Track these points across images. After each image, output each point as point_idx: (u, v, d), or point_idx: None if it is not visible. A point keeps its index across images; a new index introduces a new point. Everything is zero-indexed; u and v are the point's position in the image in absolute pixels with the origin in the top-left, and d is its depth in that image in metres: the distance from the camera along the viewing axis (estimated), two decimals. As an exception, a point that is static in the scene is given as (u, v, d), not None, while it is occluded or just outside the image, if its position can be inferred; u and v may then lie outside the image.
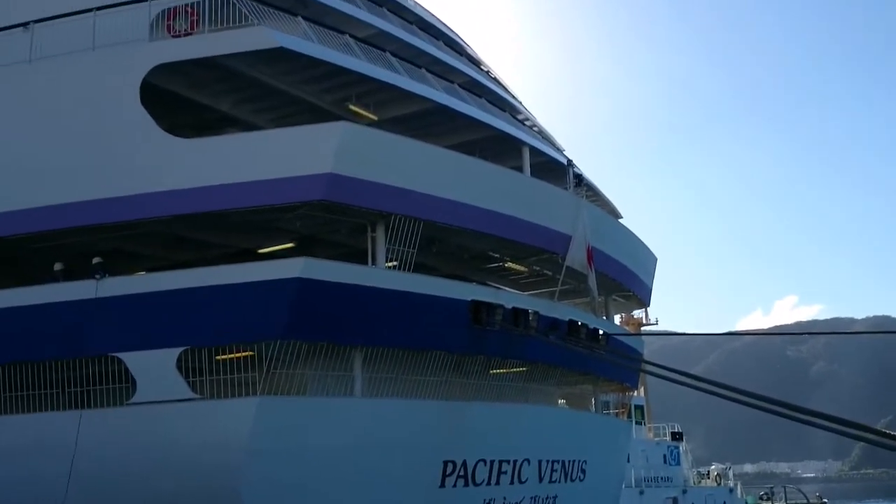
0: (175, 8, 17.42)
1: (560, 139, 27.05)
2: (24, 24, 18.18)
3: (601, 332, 21.57)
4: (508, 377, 20.03)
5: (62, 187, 16.80)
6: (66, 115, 17.28)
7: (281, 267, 16.01)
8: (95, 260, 16.77)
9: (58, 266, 17.23)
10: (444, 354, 17.65)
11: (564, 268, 20.47)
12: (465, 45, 27.21)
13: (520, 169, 21.55)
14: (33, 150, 17.27)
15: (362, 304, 16.43)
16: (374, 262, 17.17)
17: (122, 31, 17.32)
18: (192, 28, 17.26)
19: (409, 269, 17.01)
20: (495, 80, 26.54)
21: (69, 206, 16.62)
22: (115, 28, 17.38)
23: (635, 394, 38.42)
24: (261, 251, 19.76)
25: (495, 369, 19.60)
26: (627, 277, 24.33)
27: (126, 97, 16.64)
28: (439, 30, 25.77)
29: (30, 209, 16.82)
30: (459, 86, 21.88)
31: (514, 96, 26.55)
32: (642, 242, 25.30)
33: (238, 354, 15.67)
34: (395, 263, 17.21)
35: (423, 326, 17.18)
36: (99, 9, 17.62)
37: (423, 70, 20.77)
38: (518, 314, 18.54)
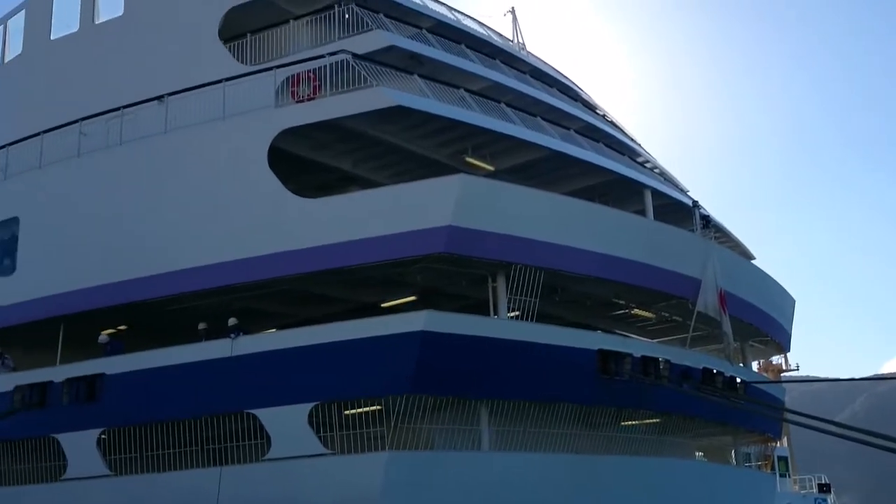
0: (298, 74, 18.37)
1: (680, 176, 26.62)
2: (159, 98, 19.61)
3: (738, 379, 20.81)
4: (641, 429, 19.55)
5: (198, 251, 17.81)
6: (199, 181, 18.39)
7: (404, 321, 16.31)
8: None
9: (201, 326, 18.19)
10: (573, 406, 17.44)
11: (695, 313, 19.95)
12: (580, 91, 27.39)
13: (642, 213, 21.29)
14: (170, 216, 18.42)
15: (486, 356, 16.49)
16: (496, 313, 17.25)
17: (249, 99, 18.39)
18: (314, 93, 18.14)
19: (531, 319, 16.98)
20: (612, 123, 26.51)
21: (205, 269, 17.59)
22: (244, 96, 18.47)
23: (778, 444, 36.66)
24: (384, 305, 20.23)
25: (627, 421, 19.19)
26: (764, 321, 23.43)
27: (255, 162, 17.58)
28: (553, 77, 26.08)
29: (170, 273, 17.89)
30: (576, 131, 21.98)
31: (632, 139, 26.41)
32: (778, 284, 24.36)
33: (366, 409, 16.00)
34: (517, 313, 17.22)
35: (549, 378, 17.05)
36: (228, 79, 18.79)
37: (539, 118, 21.01)
38: (648, 363, 18.16)
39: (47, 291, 19.16)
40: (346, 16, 19.90)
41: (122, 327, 20.62)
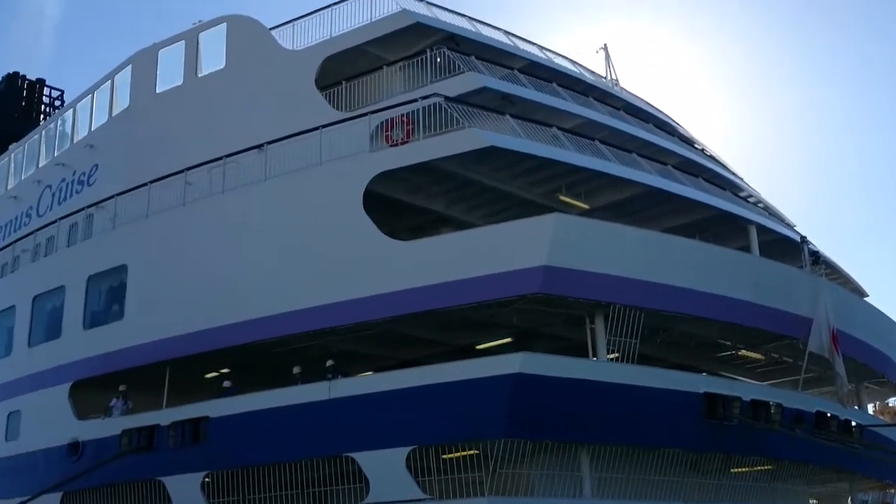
0: (392, 119, 18.81)
1: (787, 211, 25.83)
2: (259, 146, 20.36)
3: (854, 423, 19.89)
4: (751, 476, 18.86)
5: (297, 295, 18.26)
6: (298, 226, 18.92)
7: (499, 363, 16.24)
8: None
9: (296, 370, 18.58)
10: (678, 452, 16.96)
11: (807, 353, 19.19)
12: (677, 125, 27.04)
13: (747, 249, 20.73)
14: (270, 261, 18.98)
15: (585, 399, 16.26)
16: (594, 355, 17.01)
17: (345, 144, 18.90)
18: (407, 136, 18.51)
19: (632, 361, 16.66)
20: (711, 157, 26.03)
21: (304, 312, 18.00)
22: (339, 142, 19.01)
23: (898, 492, 34.53)
24: (479, 347, 20.23)
25: (736, 468, 18.53)
26: (880, 362, 22.33)
27: (351, 206, 17.99)
28: (648, 112, 25.86)
29: (270, 317, 18.38)
30: (673, 167, 21.67)
31: (733, 173, 25.84)
32: (893, 322, 23.21)
33: (463, 453, 15.94)
34: (616, 355, 16.95)
35: (653, 422, 16.65)
36: (325, 126, 19.39)
37: (634, 154, 20.82)
38: (758, 406, 17.57)
39: (154, 336, 19.94)
40: (438, 59, 20.30)
41: (224, 370, 21.33)
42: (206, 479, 18.20)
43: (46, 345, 22.40)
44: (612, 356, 16.95)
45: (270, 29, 23.06)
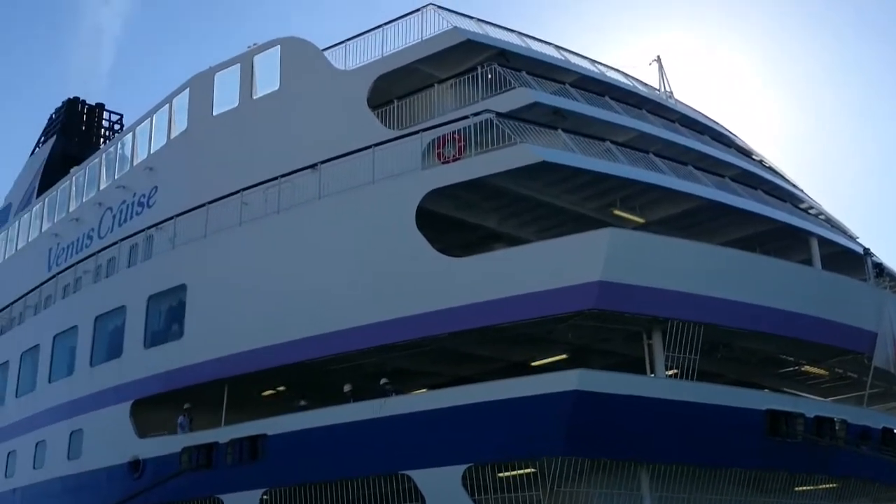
0: (444, 136, 18.96)
1: (850, 223, 25.26)
2: (313, 166, 20.69)
3: (923, 440, 19.18)
4: (816, 495, 18.42)
5: (351, 312, 18.46)
6: (352, 244, 19.15)
7: (556, 380, 16.14)
8: (383, 381, 18.07)
9: (347, 387, 18.76)
10: (740, 471, 16.64)
11: (872, 369, 18.70)
12: (734, 136, 26.71)
13: (808, 262, 20.33)
14: (325, 279, 19.23)
15: (644, 416, 16.06)
16: (653, 372, 16.83)
17: (397, 162, 19.10)
18: (459, 153, 18.62)
19: (692, 378, 16.44)
20: (770, 168, 25.64)
21: (358, 330, 18.18)
22: (392, 160, 19.21)
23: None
24: (534, 364, 20.16)
25: (800, 486, 18.10)
26: (950, 377, 21.58)
27: (404, 223, 18.16)
28: (704, 124, 25.60)
29: (325, 334, 18.61)
30: (731, 179, 21.39)
31: (793, 184, 25.40)
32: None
33: (520, 471, 15.88)
34: (675, 371, 16.74)
35: (714, 440, 16.37)
36: (377, 145, 19.63)
37: (690, 167, 20.62)
38: (822, 423, 17.18)
39: (212, 355, 20.33)
40: (489, 76, 20.41)
41: (281, 388, 21.62)
42: (265, 497, 18.43)
43: (108, 364, 22.96)
44: (670, 372, 16.73)
45: (323, 50, 23.47)
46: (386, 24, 22.40)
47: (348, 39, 23.15)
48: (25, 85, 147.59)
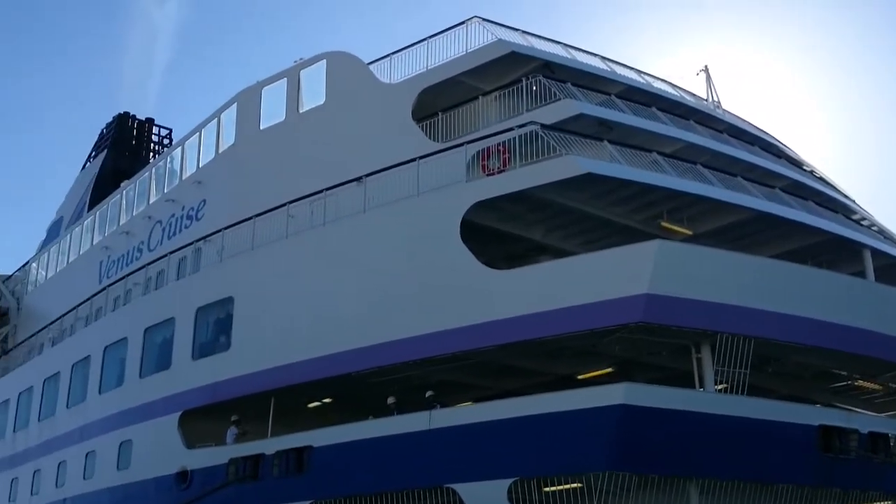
0: (488, 148, 19.02)
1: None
2: (358, 179, 20.89)
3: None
4: (872, 513, 17.92)
5: (397, 325, 18.57)
6: (397, 256, 19.28)
7: (602, 394, 16.05)
8: (428, 393, 18.13)
9: (391, 400, 18.84)
10: (792, 487, 16.34)
11: (930, 383, 18.25)
12: (783, 147, 26.36)
13: (861, 274, 19.94)
14: (370, 291, 19.38)
15: (692, 431, 15.89)
16: (701, 386, 16.64)
17: (442, 175, 19.20)
18: (504, 165, 18.66)
19: (742, 392, 16.22)
20: (821, 179, 25.22)
21: (403, 342, 18.27)
22: (436, 173, 19.32)
23: None
24: (580, 377, 20.05)
25: (854, 503, 17.66)
26: None
27: (448, 235, 18.23)
28: (753, 134, 25.32)
29: (371, 346, 18.74)
30: (781, 190, 21.13)
31: (845, 195, 24.96)
32: None
33: (566, 486, 15.79)
34: (724, 386, 16.53)
35: (765, 456, 16.12)
36: (421, 157, 19.76)
37: (739, 178, 20.42)
38: (877, 439, 16.85)
39: (259, 367, 20.58)
40: (534, 88, 20.46)
41: (327, 400, 21.78)
42: (311, 509, 18.55)
43: (157, 375, 23.33)
44: (719, 387, 16.53)
45: (368, 63, 23.74)
46: (431, 37, 22.62)
47: (393, 53, 23.43)
48: (78, 101, 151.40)
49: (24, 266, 41.07)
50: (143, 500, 22.16)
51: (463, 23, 22.15)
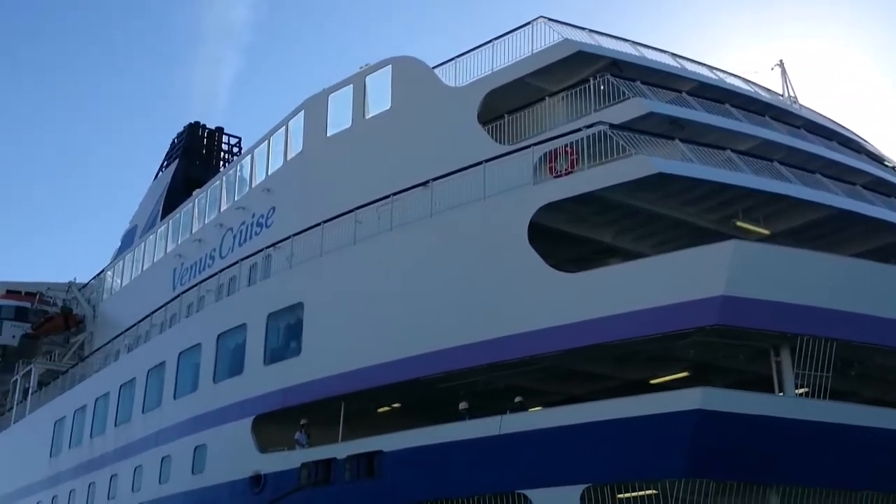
0: (555, 150, 18.93)
1: None
2: (425, 183, 21.00)
3: None
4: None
5: (465, 329, 18.60)
6: (464, 260, 19.33)
7: (677, 398, 15.80)
8: (517, 399, 18.13)
9: (462, 405, 18.87)
10: (881, 495, 15.84)
11: None
12: (863, 142, 25.60)
13: (950, 273, 19.14)
14: (438, 296, 19.46)
15: (773, 437, 15.56)
16: (781, 390, 16.27)
17: (508, 178, 19.18)
18: (572, 167, 18.55)
19: (824, 397, 15.81)
20: (905, 174, 24.37)
21: (472, 347, 18.29)
22: (503, 176, 19.31)
23: None
24: (653, 382, 19.77)
25: (950, 513, 17.00)
26: None
27: (516, 239, 18.19)
28: (831, 129, 24.66)
29: (439, 351, 18.81)
30: (862, 186, 20.53)
31: (932, 191, 24.02)
32: None
33: (641, 493, 15.60)
34: (806, 390, 16.13)
35: (849, 462, 15.68)
36: (488, 160, 19.77)
37: (818, 175, 19.93)
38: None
39: (329, 372, 20.84)
40: (602, 87, 20.29)
41: (396, 405, 21.93)
42: (382, 514, 18.68)
43: (230, 380, 23.80)
44: (800, 391, 16.13)
45: (433, 67, 23.88)
46: (496, 38, 22.64)
47: (458, 56, 23.49)
48: (150, 112, 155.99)
49: (99, 274, 42.44)
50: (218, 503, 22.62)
51: (528, 23, 22.11)
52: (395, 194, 21.45)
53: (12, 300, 45.29)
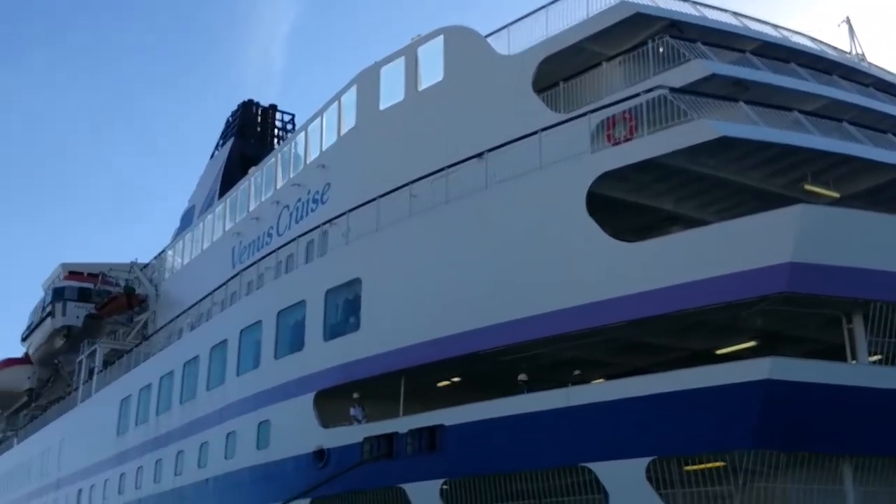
0: (613, 116, 18.62)
1: None
2: (479, 155, 20.88)
3: None
4: None
5: (524, 302, 18.53)
6: (521, 232, 19.21)
7: (745, 368, 15.57)
8: (576, 371, 18.09)
9: (522, 377, 18.86)
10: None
11: None
12: (938, 98, 24.58)
13: None
14: (496, 269, 19.40)
15: (845, 406, 15.27)
16: (854, 358, 15.91)
17: (565, 147, 18.95)
18: (630, 133, 18.24)
19: (900, 364, 15.40)
20: None
21: (531, 320, 18.22)
22: (559, 145, 19.08)
23: None
24: (719, 352, 19.49)
25: None
26: None
27: (574, 209, 18.02)
28: (903, 87, 23.77)
29: (499, 325, 18.79)
30: (938, 145, 19.74)
31: None
32: None
33: (708, 465, 15.43)
34: (879, 357, 15.75)
35: (926, 431, 15.24)
36: (543, 129, 19.56)
37: (889, 135, 19.31)
38: None
39: (388, 347, 20.99)
40: (661, 49, 19.85)
41: (455, 379, 22.04)
42: (444, 487, 18.87)
43: (291, 357, 24.15)
44: (874, 358, 15.75)
45: (486, 36, 23.64)
46: (549, 3, 22.29)
47: (511, 23, 23.22)
48: (206, 91, 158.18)
49: (160, 254, 43.36)
50: (283, 478, 23.07)
51: (582, -14, 21.69)
52: (449, 167, 21.37)
53: (75, 281, 46.59)
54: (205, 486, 26.74)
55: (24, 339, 51.45)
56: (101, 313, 43.50)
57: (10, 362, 53.97)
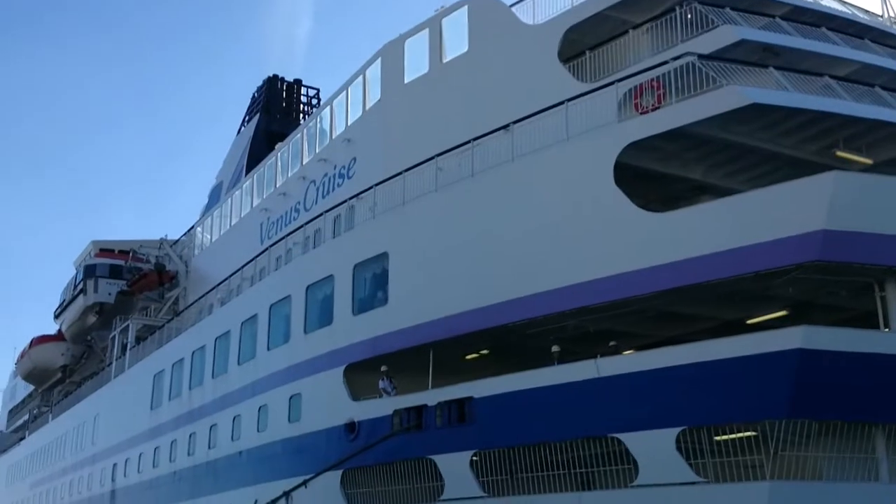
0: (640, 85, 18.42)
1: None
2: (505, 127, 20.76)
3: None
4: None
5: (552, 274, 18.51)
6: (548, 204, 19.14)
7: (777, 338, 15.50)
8: (612, 343, 18.13)
9: (555, 349, 18.86)
10: None
11: None
12: (974, 61, 24.03)
13: None
14: (523, 241, 19.37)
15: (878, 375, 15.18)
16: (886, 326, 15.78)
17: (591, 117, 18.80)
18: (658, 102, 18.04)
19: (933, 332, 15.24)
20: None
21: (560, 291, 18.21)
22: (586, 115, 18.94)
23: None
24: (750, 322, 19.37)
25: None
26: None
27: (601, 180, 17.91)
28: (937, 50, 23.22)
29: (527, 297, 18.80)
30: (973, 110, 19.31)
31: None
32: None
33: (739, 435, 15.42)
34: (912, 325, 15.58)
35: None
36: (570, 100, 19.40)
37: (923, 99, 18.84)
38: None
39: (416, 320, 21.09)
40: (689, 16, 19.57)
41: (483, 351, 22.12)
42: (474, 458, 19.02)
43: (320, 331, 24.33)
44: (907, 326, 15.59)
45: (511, 5, 23.42)
46: (575, -29, 21.97)
47: (537, -9, 22.94)
48: (227, 68, 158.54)
49: (189, 230, 43.76)
50: (315, 450, 23.36)
51: (608, -46, 21.36)
52: (475, 139, 21.28)
53: (106, 258, 47.17)
54: (238, 458, 27.15)
55: (56, 317, 52.24)
56: (132, 290, 44.05)
57: (44, 339, 54.89)
